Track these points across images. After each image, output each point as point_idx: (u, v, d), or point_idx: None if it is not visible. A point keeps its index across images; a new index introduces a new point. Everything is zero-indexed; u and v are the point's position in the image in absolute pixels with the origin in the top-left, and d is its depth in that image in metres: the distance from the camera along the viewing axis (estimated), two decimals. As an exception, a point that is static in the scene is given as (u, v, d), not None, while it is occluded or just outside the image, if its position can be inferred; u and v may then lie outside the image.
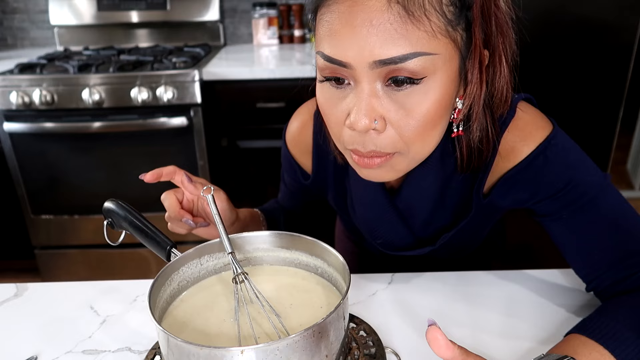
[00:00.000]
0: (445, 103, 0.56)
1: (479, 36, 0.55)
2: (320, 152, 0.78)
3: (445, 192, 0.70)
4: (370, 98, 0.54)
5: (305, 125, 0.79)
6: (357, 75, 0.53)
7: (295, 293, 0.61)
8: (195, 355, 0.46)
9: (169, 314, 0.59)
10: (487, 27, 0.55)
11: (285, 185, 0.91)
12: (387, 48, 0.51)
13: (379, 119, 0.54)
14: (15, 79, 1.74)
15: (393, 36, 0.50)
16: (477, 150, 0.62)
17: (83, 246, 2.02)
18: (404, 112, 0.54)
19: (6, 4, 2.31)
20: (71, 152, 1.86)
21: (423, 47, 0.51)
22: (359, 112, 0.53)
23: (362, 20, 0.51)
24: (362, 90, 0.54)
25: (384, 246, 0.76)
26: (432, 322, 0.43)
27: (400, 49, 0.51)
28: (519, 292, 0.73)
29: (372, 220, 0.76)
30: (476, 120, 0.60)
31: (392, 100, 0.54)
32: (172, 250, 0.63)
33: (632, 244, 0.62)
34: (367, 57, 0.51)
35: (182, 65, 1.77)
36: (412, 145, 0.57)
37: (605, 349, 0.53)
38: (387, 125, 0.55)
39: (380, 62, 0.51)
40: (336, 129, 0.59)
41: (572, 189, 0.63)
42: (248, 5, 2.28)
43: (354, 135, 0.56)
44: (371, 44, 0.51)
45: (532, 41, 0.70)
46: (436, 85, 0.53)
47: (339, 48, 0.53)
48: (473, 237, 0.81)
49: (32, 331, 0.68)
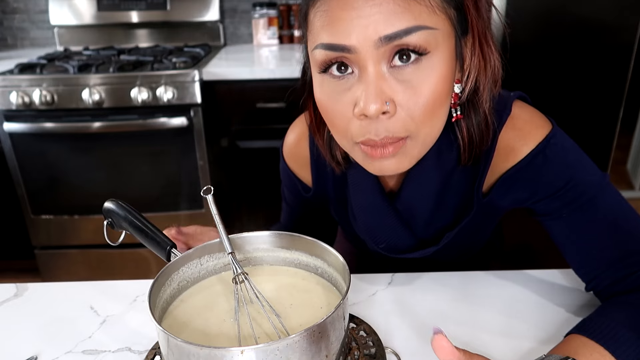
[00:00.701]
0: (448, 80, 0.56)
1: (473, 12, 0.56)
2: (318, 164, 0.78)
3: (445, 191, 0.70)
4: (378, 81, 0.53)
5: (301, 139, 0.79)
6: (361, 59, 0.53)
7: (295, 293, 0.61)
8: (195, 355, 0.46)
9: (169, 314, 0.59)
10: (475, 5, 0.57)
11: (286, 203, 0.91)
12: (391, 22, 0.51)
13: (389, 100, 0.54)
14: (15, 79, 1.74)
15: (396, 11, 0.51)
16: (478, 135, 0.63)
17: (83, 246, 2.03)
18: (412, 91, 0.54)
19: (6, 4, 2.31)
20: (71, 152, 1.86)
21: (425, 21, 0.52)
22: (368, 96, 0.53)
23: (364, 1, 0.51)
24: (368, 74, 0.54)
25: (387, 250, 0.76)
26: (438, 330, 0.43)
27: (405, 22, 0.51)
28: (519, 292, 0.73)
29: (374, 226, 0.75)
30: (484, 91, 0.60)
31: (399, 81, 0.54)
32: (172, 251, 0.63)
33: (632, 243, 0.62)
34: (372, 34, 0.51)
35: (182, 66, 1.77)
36: (422, 127, 0.57)
37: (606, 350, 0.53)
38: (397, 108, 0.55)
39: (386, 37, 0.51)
40: (342, 124, 0.58)
41: (571, 188, 0.63)
42: (248, 6, 2.28)
43: (364, 124, 0.56)
44: (375, 21, 0.51)
45: (532, 41, 0.70)
46: (439, 61, 0.54)
47: (340, 33, 0.53)
48: (475, 238, 0.80)
49: (32, 331, 0.68)
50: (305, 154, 0.79)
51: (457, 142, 0.64)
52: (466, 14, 0.56)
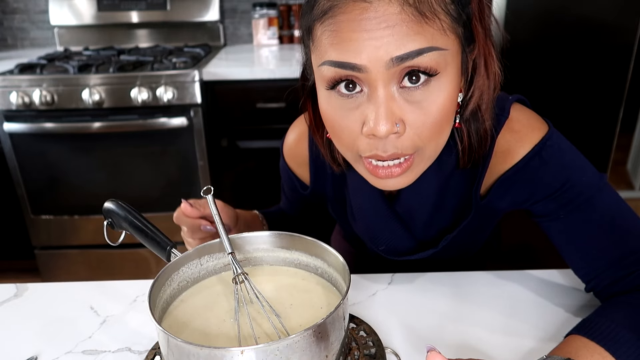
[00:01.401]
0: (455, 97, 0.57)
1: (480, 30, 0.56)
2: (317, 164, 0.78)
3: (444, 193, 0.70)
4: (388, 102, 0.53)
5: (301, 138, 0.79)
6: (372, 79, 0.53)
7: (295, 293, 0.61)
8: (195, 355, 0.46)
9: (169, 314, 0.59)
10: (482, 20, 0.57)
11: (285, 196, 0.93)
12: (403, 44, 0.51)
13: (399, 122, 0.54)
14: (16, 79, 1.74)
15: (409, 33, 0.51)
16: (477, 141, 0.63)
17: (83, 246, 2.03)
18: (421, 111, 0.54)
19: (6, 4, 2.31)
20: (71, 152, 1.86)
21: (437, 43, 0.52)
22: (379, 118, 0.53)
23: (376, 23, 0.50)
24: (378, 95, 0.53)
25: (387, 252, 0.76)
26: (431, 347, 0.44)
27: (417, 43, 0.51)
28: (519, 292, 0.73)
29: (373, 228, 0.75)
30: (487, 110, 0.61)
31: (408, 101, 0.54)
32: (172, 251, 0.63)
33: (630, 242, 0.62)
34: (383, 56, 0.51)
35: (182, 66, 1.77)
36: (428, 143, 0.57)
37: (606, 351, 0.53)
38: (406, 128, 0.55)
39: (397, 58, 0.51)
40: (349, 140, 0.58)
41: (568, 189, 0.63)
42: (248, 6, 2.28)
43: (372, 142, 0.56)
44: (387, 43, 0.51)
45: (532, 41, 0.71)
46: (447, 81, 0.54)
47: (351, 52, 0.52)
48: (474, 239, 0.81)
49: (32, 331, 0.68)
50: (305, 154, 0.79)
51: (457, 147, 0.65)
52: (472, 30, 0.57)
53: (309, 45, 0.59)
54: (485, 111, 0.61)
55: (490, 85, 0.60)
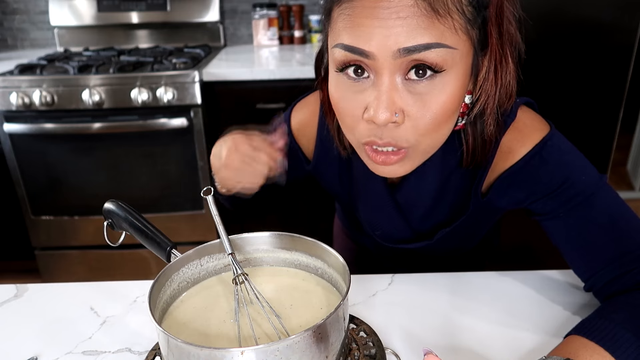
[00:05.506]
0: (459, 97, 0.57)
1: (494, 35, 0.57)
2: (323, 144, 0.79)
3: (444, 189, 0.72)
4: (391, 91, 0.54)
5: (312, 116, 0.80)
6: (378, 66, 0.54)
7: (296, 294, 0.61)
8: (195, 356, 0.46)
9: (169, 314, 0.59)
10: (500, 25, 0.57)
11: None
12: (412, 36, 0.51)
13: (398, 112, 0.55)
14: (16, 79, 1.74)
15: (420, 26, 0.51)
16: (481, 144, 0.64)
17: (83, 247, 2.03)
18: (422, 104, 0.55)
19: (6, 4, 2.31)
20: (71, 153, 1.86)
21: (446, 40, 0.52)
22: (379, 105, 0.54)
23: (389, 13, 0.51)
24: (382, 83, 0.54)
25: (383, 237, 0.79)
26: (428, 350, 0.44)
27: (427, 38, 0.52)
28: (519, 292, 0.73)
29: (373, 212, 0.78)
30: (490, 115, 0.61)
31: (411, 93, 0.55)
32: (172, 251, 0.63)
33: (629, 241, 0.63)
34: (392, 45, 0.52)
35: (182, 66, 1.77)
36: (423, 139, 0.58)
37: (606, 352, 0.53)
38: (405, 118, 0.56)
39: (405, 49, 0.52)
40: (351, 123, 0.60)
41: (568, 187, 0.64)
42: (248, 6, 2.28)
43: (370, 127, 0.57)
44: (397, 33, 0.51)
45: (533, 42, 0.71)
46: (453, 80, 0.55)
47: (362, 38, 0.53)
48: (470, 235, 0.82)
49: (33, 332, 0.68)
50: (313, 132, 0.80)
51: (462, 147, 0.66)
52: (488, 35, 0.57)
53: (327, 28, 0.60)
54: (489, 116, 0.62)
55: (496, 92, 0.60)
